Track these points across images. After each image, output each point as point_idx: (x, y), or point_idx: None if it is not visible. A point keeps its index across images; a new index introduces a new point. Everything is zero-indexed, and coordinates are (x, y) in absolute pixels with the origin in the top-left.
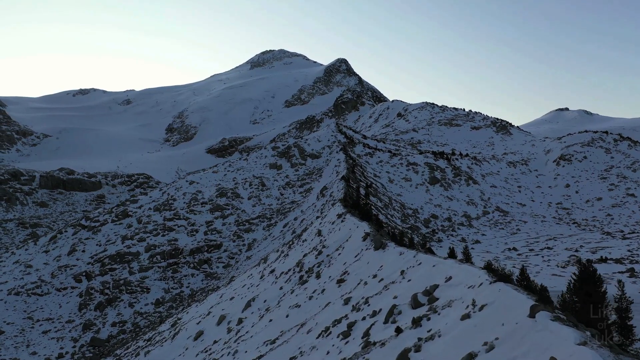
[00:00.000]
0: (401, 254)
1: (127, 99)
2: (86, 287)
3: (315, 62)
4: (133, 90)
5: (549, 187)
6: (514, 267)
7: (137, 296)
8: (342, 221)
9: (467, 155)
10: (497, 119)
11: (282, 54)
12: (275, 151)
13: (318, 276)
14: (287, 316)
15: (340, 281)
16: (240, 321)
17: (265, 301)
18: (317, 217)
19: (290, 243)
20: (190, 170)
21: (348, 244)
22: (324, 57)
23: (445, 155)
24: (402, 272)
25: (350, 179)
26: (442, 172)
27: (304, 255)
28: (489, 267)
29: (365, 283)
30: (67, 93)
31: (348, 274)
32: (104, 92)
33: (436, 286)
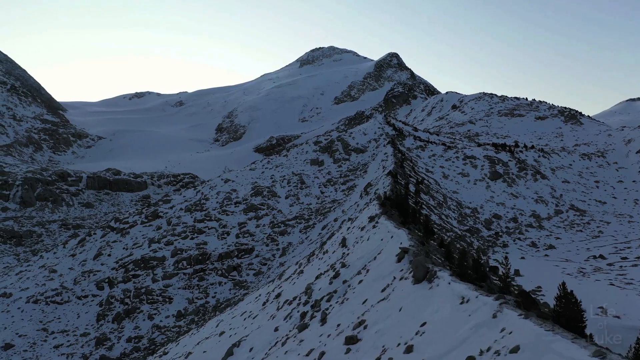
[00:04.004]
0: (463, 302)
1: (180, 101)
2: (107, 296)
3: (365, 57)
4: (186, 92)
5: (633, 181)
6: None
7: (158, 307)
8: (374, 226)
9: (532, 147)
10: (565, 108)
11: (332, 51)
12: (317, 146)
13: (323, 320)
14: None
15: (350, 341)
16: None
17: (251, 349)
18: (349, 220)
19: (311, 255)
20: (238, 169)
21: (376, 264)
22: (375, 53)
23: (507, 148)
24: None
25: (399, 175)
26: (504, 166)
27: (317, 277)
28: None
29: None
30: (124, 97)
31: (366, 327)
32: (158, 94)
33: None
